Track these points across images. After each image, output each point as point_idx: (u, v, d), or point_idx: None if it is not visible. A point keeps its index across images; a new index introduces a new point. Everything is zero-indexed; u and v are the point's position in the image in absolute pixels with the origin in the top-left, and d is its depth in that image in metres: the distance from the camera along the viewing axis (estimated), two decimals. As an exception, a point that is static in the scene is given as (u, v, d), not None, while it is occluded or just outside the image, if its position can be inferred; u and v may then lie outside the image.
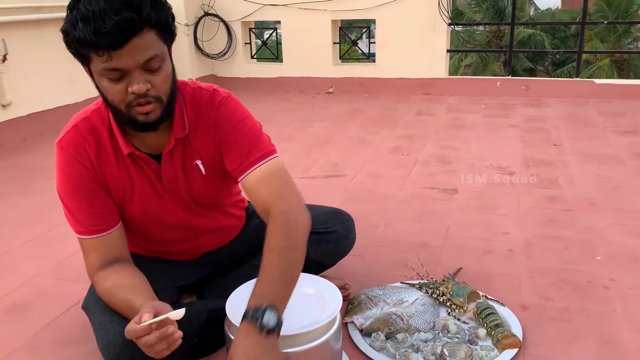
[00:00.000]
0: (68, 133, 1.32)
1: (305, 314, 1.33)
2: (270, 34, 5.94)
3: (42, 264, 2.09)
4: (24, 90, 4.02)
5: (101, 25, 1.07)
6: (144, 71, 1.16)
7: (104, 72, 1.15)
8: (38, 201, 2.77)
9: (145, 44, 1.13)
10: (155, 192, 1.39)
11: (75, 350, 1.54)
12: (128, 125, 1.26)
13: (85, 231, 1.33)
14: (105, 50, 1.10)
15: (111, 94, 1.18)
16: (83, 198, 1.32)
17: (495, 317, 1.53)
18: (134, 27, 1.10)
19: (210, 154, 1.38)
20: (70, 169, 1.31)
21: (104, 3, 1.08)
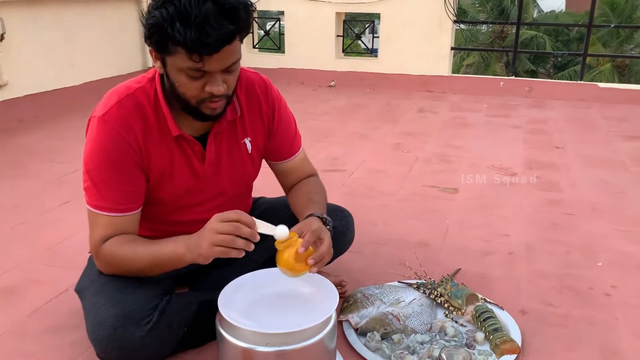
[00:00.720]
0: (113, 108, 1.28)
1: (300, 311, 1.29)
2: (273, 24, 5.88)
3: (33, 249, 2.04)
4: (21, 71, 3.95)
5: (204, 35, 1.09)
6: (223, 72, 1.19)
7: (187, 70, 1.16)
8: (31, 184, 2.72)
9: (233, 50, 1.17)
10: (194, 173, 1.39)
11: (61, 338, 1.50)
12: (190, 114, 1.27)
13: (108, 208, 1.29)
14: (201, 56, 1.13)
15: (186, 89, 1.21)
16: (118, 176, 1.29)
17: (494, 321, 1.49)
18: (232, 38, 1.14)
19: (259, 132, 1.46)
20: (112, 145, 1.27)
21: (205, 8, 1.09)
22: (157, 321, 1.29)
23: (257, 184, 1.62)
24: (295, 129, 1.58)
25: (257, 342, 1.19)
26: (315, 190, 1.54)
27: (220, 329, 1.25)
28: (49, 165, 2.99)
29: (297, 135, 1.58)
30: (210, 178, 1.42)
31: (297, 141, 1.58)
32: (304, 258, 1.24)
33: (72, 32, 4.36)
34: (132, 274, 1.33)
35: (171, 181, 1.37)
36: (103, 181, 1.28)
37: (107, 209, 1.29)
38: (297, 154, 1.57)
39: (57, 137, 3.53)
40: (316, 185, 1.58)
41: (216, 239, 1.16)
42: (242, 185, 1.54)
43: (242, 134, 1.43)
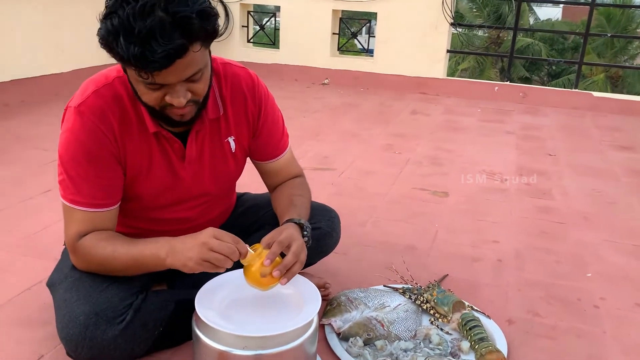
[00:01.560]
0: (89, 98, 1.20)
1: (281, 314, 1.24)
2: (269, 19, 5.81)
3: (8, 238, 1.98)
4: (7, 54, 3.87)
5: (148, 51, 0.99)
6: (185, 82, 1.10)
7: (142, 82, 1.08)
8: (14, 170, 2.65)
9: (190, 62, 1.06)
10: (172, 170, 1.32)
11: (32, 332, 1.44)
12: (159, 119, 1.21)
13: (84, 203, 1.23)
14: (149, 73, 1.04)
15: (146, 99, 1.13)
16: (95, 169, 1.22)
17: (480, 330, 1.45)
18: (183, 52, 1.02)
19: (243, 132, 1.39)
20: (88, 137, 1.20)
21: (150, 20, 0.98)
22: (131, 320, 1.23)
23: (243, 181, 1.56)
24: (283, 128, 1.50)
25: (235, 345, 1.14)
26: (298, 192, 1.47)
27: (197, 330, 1.20)
28: (33, 152, 2.91)
29: (284, 135, 1.51)
30: (191, 177, 1.35)
31: (284, 141, 1.51)
32: (270, 270, 1.18)
33: (63, 17, 4.28)
34: (108, 273, 1.27)
35: (148, 178, 1.30)
36: (79, 174, 1.22)
37: (83, 204, 1.23)
38: (283, 154, 1.50)
39: (43, 123, 3.45)
40: (300, 186, 1.51)
41: (208, 256, 1.13)
42: (225, 184, 1.48)
43: (225, 133, 1.36)
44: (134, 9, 0.98)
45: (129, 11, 0.98)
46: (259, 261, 1.18)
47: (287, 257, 1.20)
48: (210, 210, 1.49)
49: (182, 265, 1.16)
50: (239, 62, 1.40)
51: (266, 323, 1.21)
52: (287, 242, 1.21)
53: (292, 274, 1.20)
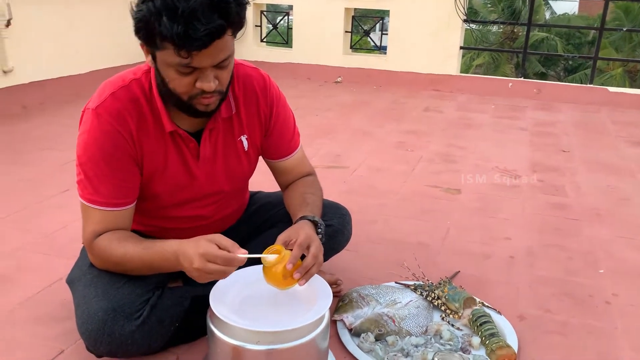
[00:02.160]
0: (107, 100, 1.24)
1: (293, 309, 1.27)
2: (282, 18, 5.84)
3: (28, 237, 2.03)
4: (26, 57, 3.95)
5: (192, 30, 1.05)
6: (214, 68, 1.15)
7: (177, 66, 1.13)
8: (31, 171, 2.71)
9: (224, 46, 1.12)
10: (188, 169, 1.35)
11: (50, 329, 1.48)
12: (182, 110, 1.24)
13: (101, 202, 1.27)
14: (189, 52, 1.08)
15: (176, 85, 1.17)
16: (112, 169, 1.25)
17: (490, 326, 1.46)
18: (221, 33, 1.09)
19: (256, 131, 1.42)
20: (106, 138, 1.24)
21: (193, 2, 1.04)
22: (147, 316, 1.27)
23: (256, 179, 1.59)
24: (294, 127, 1.53)
25: (248, 339, 1.17)
26: (310, 190, 1.50)
27: (211, 325, 1.23)
28: (51, 153, 2.97)
29: (296, 134, 1.53)
30: (205, 175, 1.38)
31: (295, 140, 1.53)
32: (291, 272, 1.22)
33: (79, 19, 4.35)
34: (124, 272, 1.30)
35: (164, 177, 1.34)
36: (96, 175, 1.25)
37: (101, 203, 1.27)
38: (294, 152, 1.52)
39: (60, 125, 3.52)
40: (312, 184, 1.54)
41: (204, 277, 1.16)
42: (238, 182, 1.51)
43: (238, 132, 1.39)
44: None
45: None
46: (281, 265, 1.20)
47: (306, 259, 1.22)
48: (224, 208, 1.52)
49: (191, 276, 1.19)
50: (253, 61, 1.43)
51: (279, 318, 1.24)
52: (306, 243, 1.24)
53: (311, 275, 1.23)
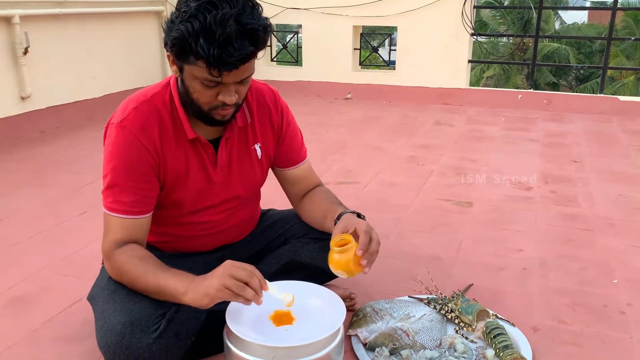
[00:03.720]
0: (130, 114, 1.33)
1: (307, 325, 1.29)
2: (291, 37, 5.92)
3: (49, 258, 2.08)
4: (43, 83, 4.05)
5: (226, 54, 1.15)
6: (236, 84, 1.25)
7: (203, 80, 1.22)
8: (51, 194, 2.77)
9: (249, 66, 1.23)
10: (207, 176, 1.43)
11: (73, 348, 1.52)
12: (200, 119, 1.33)
13: (124, 210, 1.33)
14: (220, 71, 1.18)
15: (199, 95, 1.27)
16: (135, 179, 1.33)
17: (504, 338, 1.47)
18: (251, 58, 1.21)
19: (269, 140, 1.52)
20: (130, 149, 1.32)
21: (228, 28, 1.14)
22: (164, 329, 1.30)
23: (268, 198, 1.63)
24: (302, 137, 1.63)
25: (264, 355, 1.20)
26: (329, 196, 1.60)
27: (228, 341, 1.26)
28: (68, 176, 3.04)
29: (304, 146, 1.64)
30: (222, 181, 1.47)
31: (304, 149, 1.64)
32: (359, 259, 1.30)
33: (94, 45, 4.46)
34: (136, 290, 1.34)
35: (186, 183, 1.41)
36: (118, 184, 1.33)
37: (121, 211, 1.33)
38: (304, 161, 1.62)
39: (77, 148, 3.60)
40: (328, 192, 1.64)
41: (228, 283, 1.20)
42: (252, 189, 1.58)
43: (252, 140, 1.49)
44: (215, 17, 1.14)
45: (210, 19, 1.14)
46: (352, 252, 1.29)
47: (372, 245, 1.33)
48: (236, 215, 1.57)
49: (204, 294, 1.21)
50: (264, 80, 1.50)
51: (294, 334, 1.26)
52: (369, 232, 1.33)
53: (373, 261, 1.34)
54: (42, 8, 3.98)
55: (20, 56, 3.79)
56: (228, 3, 1.16)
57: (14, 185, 2.91)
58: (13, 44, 3.77)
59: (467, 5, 4.84)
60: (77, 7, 4.24)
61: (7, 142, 3.68)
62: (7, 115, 3.80)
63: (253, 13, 1.19)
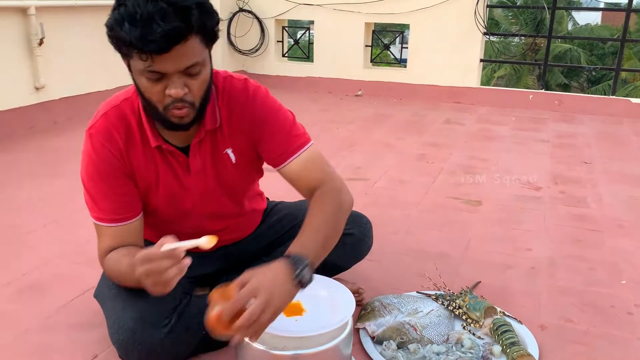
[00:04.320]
0: (98, 121, 1.32)
1: (316, 316, 1.31)
2: (303, 34, 5.94)
3: (62, 247, 2.11)
4: (57, 74, 4.09)
5: (148, 32, 1.06)
6: (183, 75, 1.15)
7: (144, 72, 1.15)
8: (64, 184, 2.81)
9: (188, 51, 1.12)
10: (180, 184, 1.39)
11: (86, 334, 1.55)
12: (160, 123, 1.27)
13: (105, 218, 1.33)
14: (148, 54, 1.10)
15: (149, 94, 1.19)
16: (109, 187, 1.31)
17: (511, 335, 1.48)
18: (180, 36, 1.09)
19: (242, 143, 1.39)
20: (98, 157, 1.30)
21: (152, 7, 1.07)
22: (175, 324, 1.31)
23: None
24: (291, 128, 1.39)
25: (274, 345, 1.21)
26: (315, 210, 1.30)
27: (237, 332, 1.27)
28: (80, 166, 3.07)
29: (294, 137, 1.38)
30: (199, 189, 1.40)
31: (294, 142, 1.38)
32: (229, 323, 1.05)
33: (107, 36, 4.48)
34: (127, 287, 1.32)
35: (158, 191, 1.38)
36: (97, 193, 1.32)
37: (106, 220, 1.32)
38: (295, 155, 1.37)
39: (90, 139, 3.63)
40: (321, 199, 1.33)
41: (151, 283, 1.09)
42: (236, 195, 1.50)
43: (222, 145, 1.39)
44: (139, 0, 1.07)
45: (134, 1, 1.08)
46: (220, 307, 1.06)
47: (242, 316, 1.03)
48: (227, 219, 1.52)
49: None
50: (275, 76, 1.47)
51: (304, 325, 1.28)
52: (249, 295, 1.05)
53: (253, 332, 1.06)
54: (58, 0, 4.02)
55: (35, 47, 3.83)
56: None
57: (27, 174, 2.94)
58: (28, 35, 3.81)
59: (480, 5, 4.83)
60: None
61: (21, 131, 3.72)
62: (21, 105, 3.85)
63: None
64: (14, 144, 3.48)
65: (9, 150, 3.37)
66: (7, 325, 1.60)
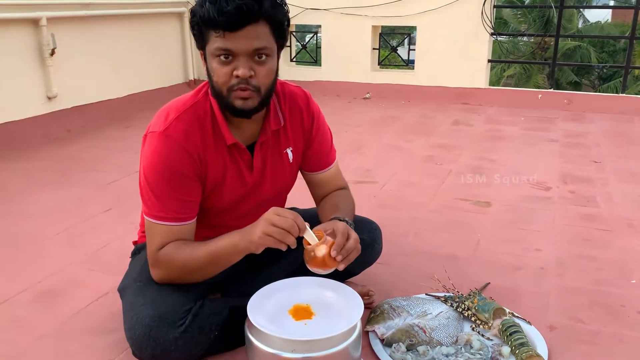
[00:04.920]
0: (173, 123, 1.36)
1: (326, 319, 1.33)
2: (311, 38, 5.97)
3: (75, 254, 2.15)
4: (69, 83, 4.15)
5: (224, 6, 1.20)
6: (250, 59, 1.27)
7: (216, 51, 1.26)
8: (77, 192, 2.85)
9: (258, 34, 1.25)
10: (243, 181, 1.47)
11: (100, 340, 1.58)
12: (226, 108, 1.36)
13: (168, 218, 1.37)
14: (221, 30, 1.22)
15: (217, 75, 1.29)
16: (180, 186, 1.36)
17: (520, 336, 1.49)
18: (251, 14, 1.22)
19: (299, 144, 1.55)
20: (175, 157, 1.35)
21: None
22: (189, 324, 1.35)
23: (289, 195, 1.67)
24: (331, 142, 1.66)
25: (284, 348, 1.23)
26: (342, 201, 1.61)
27: (249, 334, 1.30)
28: (93, 174, 3.12)
29: (333, 149, 1.66)
30: (255, 185, 1.50)
31: (332, 154, 1.65)
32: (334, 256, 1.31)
33: (117, 46, 4.55)
34: (188, 278, 1.39)
35: (222, 189, 1.45)
36: (164, 192, 1.35)
37: (168, 219, 1.37)
38: (331, 166, 1.64)
39: (101, 147, 3.69)
40: (345, 197, 1.64)
41: (270, 230, 1.25)
42: (281, 193, 1.62)
43: (284, 144, 1.52)
44: None
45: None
46: (325, 249, 1.31)
47: (349, 242, 1.32)
48: None
49: (249, 242, 1.29)
50: (283, 80, 1.53)
51: (313, 328, 1.30)
52: (346, 232, 1.34)
53: (350, 260, 1.33)
54: (69, 10, 4.08)
55: (47, 57, 3.89)
56: None
57: (41, 183, 2.99)
58: (40, 46, 3.87)
59: (487, 5, 4.83)
60: (102, 9, 4.33)
61: (35, 141, 3.78)
62: (34, 114, 3.91)
63: None
64: (28, 153, 3.54)
65: (24, 159, 3.43)
66: (24, 331, 1.64)
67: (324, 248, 1.31)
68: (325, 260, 1.31)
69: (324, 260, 1.31)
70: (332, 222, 1.40)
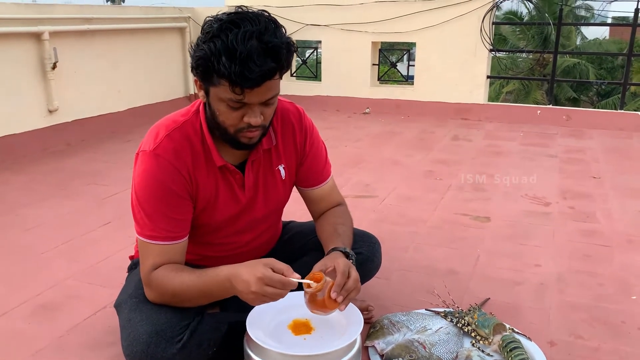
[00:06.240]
0: (163, 142, 1.35)
1: (325, 334, 1.32)
2: (311, 53, 6.01)
3: (74, 267, 2.14)
4: (70, 97, 4.17)
5: (247, 70, 1.17)
6: (261, 105, 1.27)
7: (228, 101, 1.24)
8: (76, 205, 2.85)
9: (272, 86, 1.25)
10: (236, 199, 1.46)
11: (98, 353, 1.57)
12: (227, 142, 1.35)
13: (160, 237, 1.36)
14: (239, 88, 1.20)
15: (225, 118, 1.28)
16: (171, 205, 1.35)
17: (520, 352, 1.48)
18: (273, 75, 1.22)
19: (292, 161, 1.54)
20: (165, 176, 1.34)
21: (250, 46, 1.16)
22: (188, 340, 1.33)
23: (288, 209, 1.67)
24: (326, 157, 1.64)
25: (283, 363, 1.22)
26: (340, 220, 1.58)
27: (248, 349, 1.29)
28: (92, 188, 3.12)
29: (327, 164, 1.64)
30: (249, 202, 1.49)
31: (327, 169, 1.64)
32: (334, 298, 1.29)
33: (119, 60, 4.58)
34: (182, 305, 1.37)
35: (215, 208, 1.44)
36: (156, 211, 1.35)
37: (159, 238, 1.36)
38: (326, 181, 1.62)
39: (101, 160, 3.69)
40: (343, 215, 1.62)
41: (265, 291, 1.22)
42: (275, 210, 1.60)
43: (276, 161, 1.51)
44: (237, 35, 1.17)
45: (232, 37, 1.17)
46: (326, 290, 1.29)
47: (348, 282, 1.30)
48: (261, 235, 1.60)
49: (245, 299, 1.26)
50: (284, 95, 1.52)
51: (312, 343, 1.29)
52: (347, 271, 1.32)
53: (350, 299, 1.31)
54: (71, 24, 4.13)
55: (48, 71, 3.92)
56: (250, 22, 1.19)
57: (41, 196, 2.99)
58: (42, 59, 3.90)
59: (485, 22, 4.87)
60: (104, 23, 4.37)
61: (35, 154, 3.79)
62: (35, 127, 3.93)
63: (275, 32, 1.21)
64: (28, 166, 3.55)
65: (23, 171, 3.44)
66: (22, 345, 1.62)
67: (324, 291, 1.29)
68: (325, 302, 1.29)
69: (324, 303, 1.29)
70: (332, 258, 1.37)
